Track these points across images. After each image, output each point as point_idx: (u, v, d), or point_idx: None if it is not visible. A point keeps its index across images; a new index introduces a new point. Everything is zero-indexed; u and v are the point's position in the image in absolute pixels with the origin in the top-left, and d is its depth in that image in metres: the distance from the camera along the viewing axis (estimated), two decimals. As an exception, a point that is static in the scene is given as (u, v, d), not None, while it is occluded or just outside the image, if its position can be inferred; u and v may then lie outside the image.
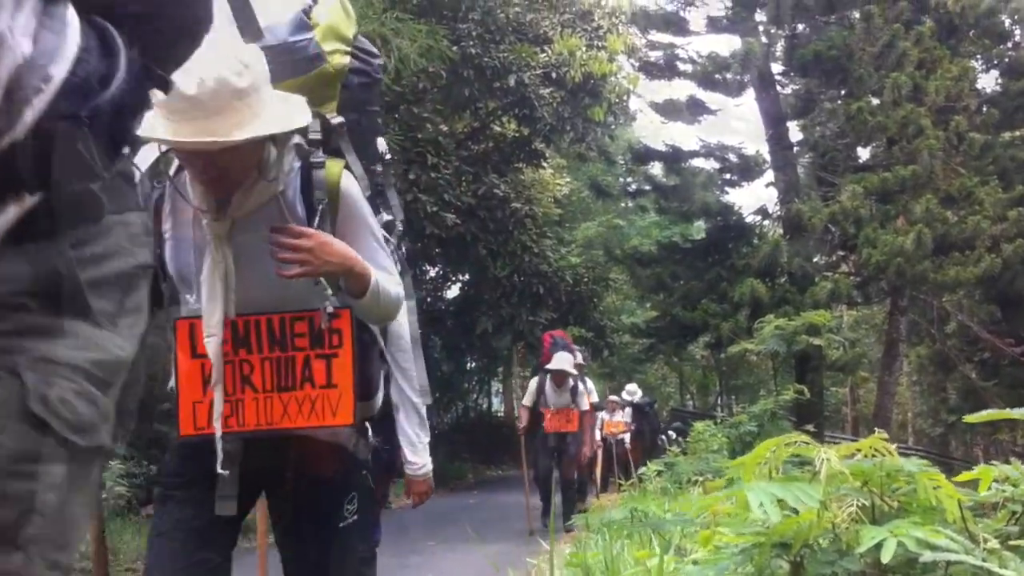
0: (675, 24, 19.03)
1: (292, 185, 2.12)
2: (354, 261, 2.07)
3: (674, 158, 19.62)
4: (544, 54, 15.76)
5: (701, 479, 8.45)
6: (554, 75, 15.78)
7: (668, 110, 19.31)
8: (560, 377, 9.59)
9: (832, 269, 18.27)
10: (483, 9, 14.90)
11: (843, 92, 17.53)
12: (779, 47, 18.60)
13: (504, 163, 17.97)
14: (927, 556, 1.85)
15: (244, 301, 2.08)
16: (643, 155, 20.04)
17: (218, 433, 2.04)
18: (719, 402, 28.96)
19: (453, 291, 21.33)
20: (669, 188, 19.69)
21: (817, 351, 14.15)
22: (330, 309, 2.10)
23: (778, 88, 18.84)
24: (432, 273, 20.57)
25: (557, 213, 19.70)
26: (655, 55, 19.19)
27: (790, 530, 2.06)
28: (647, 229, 24.23)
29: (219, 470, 2.05)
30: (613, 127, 18.32)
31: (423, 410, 3.04)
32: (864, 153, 18.75)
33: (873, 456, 2.08)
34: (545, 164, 19.39)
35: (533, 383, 10.19)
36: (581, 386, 9.88)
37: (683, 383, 33.37)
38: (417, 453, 3.11)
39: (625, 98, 17.87)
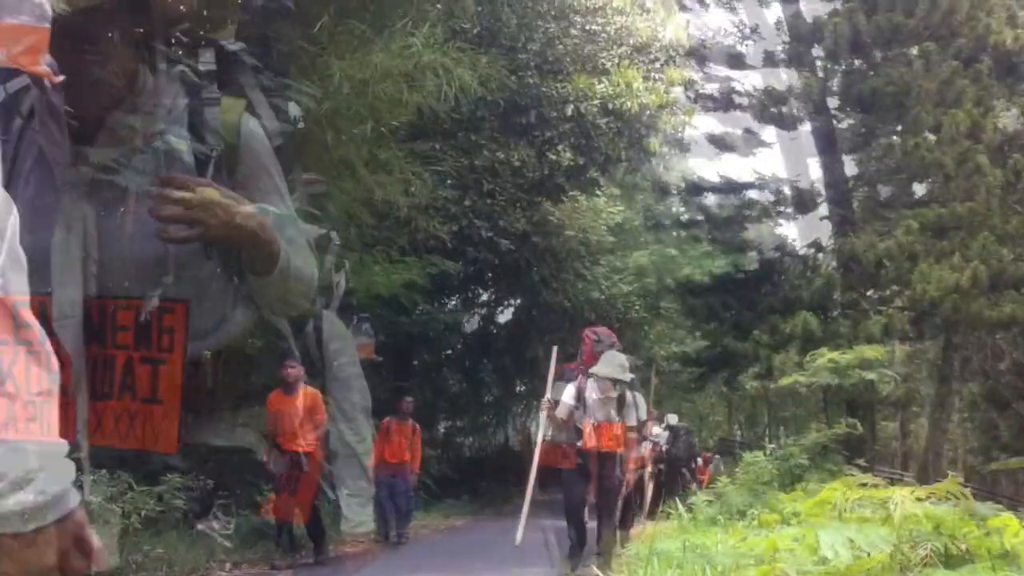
0: (733, 58, 19.11)
1: (177, 127, 1.69)
2: (261, 226, 1.63)
3: (728, 190, 19.63)
4: (602, 85, 15.90)
5: (752, 511, 8.45)
6: (611, 106, 15.90)
7: (723, 142, 19.36)
8: (607, 385, 7.65)
9: (886, 304, 18.09)
10: (542, 41, 15.12)
11: (899, 128, 17.44)
12: (835, 82, 18.54)
13: (559, 191, 18.10)
14: (999, 602, 1.90)
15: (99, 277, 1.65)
16: (697, 186, 20.09)
17: (84, 444, 1.60)
18: (768, 433, 28.63)
19: (505, 315, 21.43)
20: (722, 219, 19.68)
21: (870, 385, 14.06)
22: (155, 302, 1.61)
23: (834, 123, 18.78)
24: (484, 297, 20.73)
25: (610, 241, 19.76)
26: (711, 87, 19.28)
27: (860, 572, 2.13)
28: (699, 260, 24.17)
29: (86, 497, 1.56)
30: (668, 157, 18.38)
31: (366, 460, 2.51)
32: (920, 189, 18.61)
33: (947, 499, 2.14)
34: (599, 193, 19.49)
35: (569, 390, 7.93)
36: (630, 396, 8.08)
37: (731, 413, 33.04)
38: (354, 509, 2.56)
39: (680, 129, 17.94)
